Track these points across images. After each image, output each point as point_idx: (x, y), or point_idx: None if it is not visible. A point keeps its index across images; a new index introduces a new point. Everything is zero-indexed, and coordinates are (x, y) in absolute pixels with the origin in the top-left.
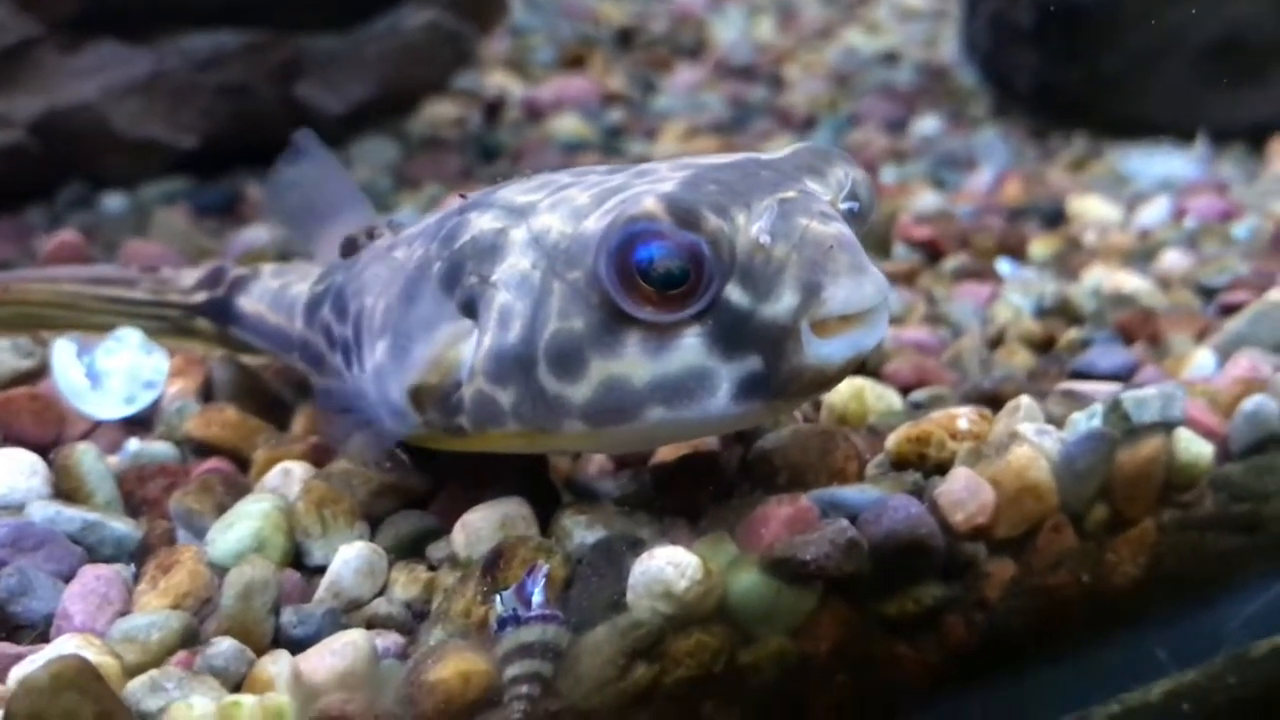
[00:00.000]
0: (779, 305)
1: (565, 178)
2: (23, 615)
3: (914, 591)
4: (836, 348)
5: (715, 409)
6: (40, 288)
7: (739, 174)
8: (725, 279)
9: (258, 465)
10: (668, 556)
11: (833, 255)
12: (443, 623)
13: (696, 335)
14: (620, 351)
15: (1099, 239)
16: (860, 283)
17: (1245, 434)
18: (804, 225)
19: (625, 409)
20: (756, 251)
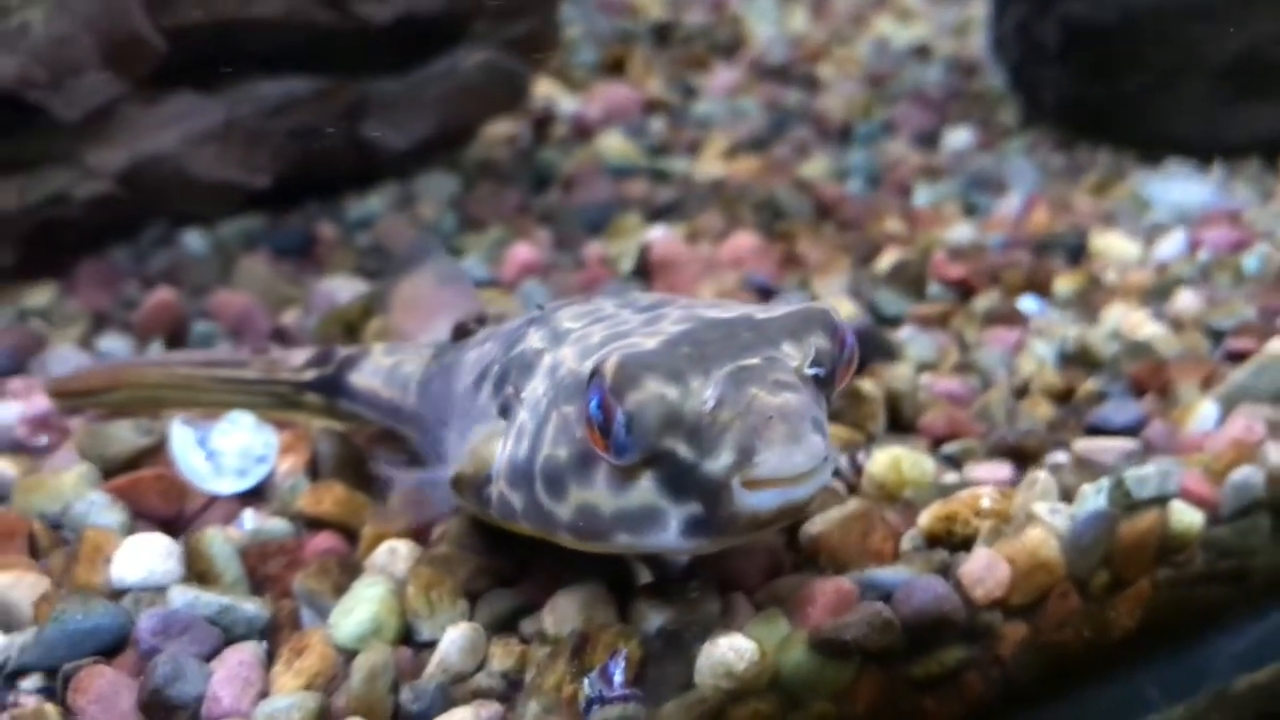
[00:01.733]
0: (716, 463)
1: (607, 308)
2: (176, 698)
3: (939, 655)
4: (764, 500)
5: (668, 542)
6: (156, 372)
7: (722, 334)
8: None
9: (366, 541)
10: (729, 643)
11: (770, 425)
12: (536, 696)
13: (650, 479)
14: (592, 483)
15: (1119, 277)
16: (791, 451)
17: (1233, 501)
18: (752, 394)
19: (598, 531)
20: (704, 415)
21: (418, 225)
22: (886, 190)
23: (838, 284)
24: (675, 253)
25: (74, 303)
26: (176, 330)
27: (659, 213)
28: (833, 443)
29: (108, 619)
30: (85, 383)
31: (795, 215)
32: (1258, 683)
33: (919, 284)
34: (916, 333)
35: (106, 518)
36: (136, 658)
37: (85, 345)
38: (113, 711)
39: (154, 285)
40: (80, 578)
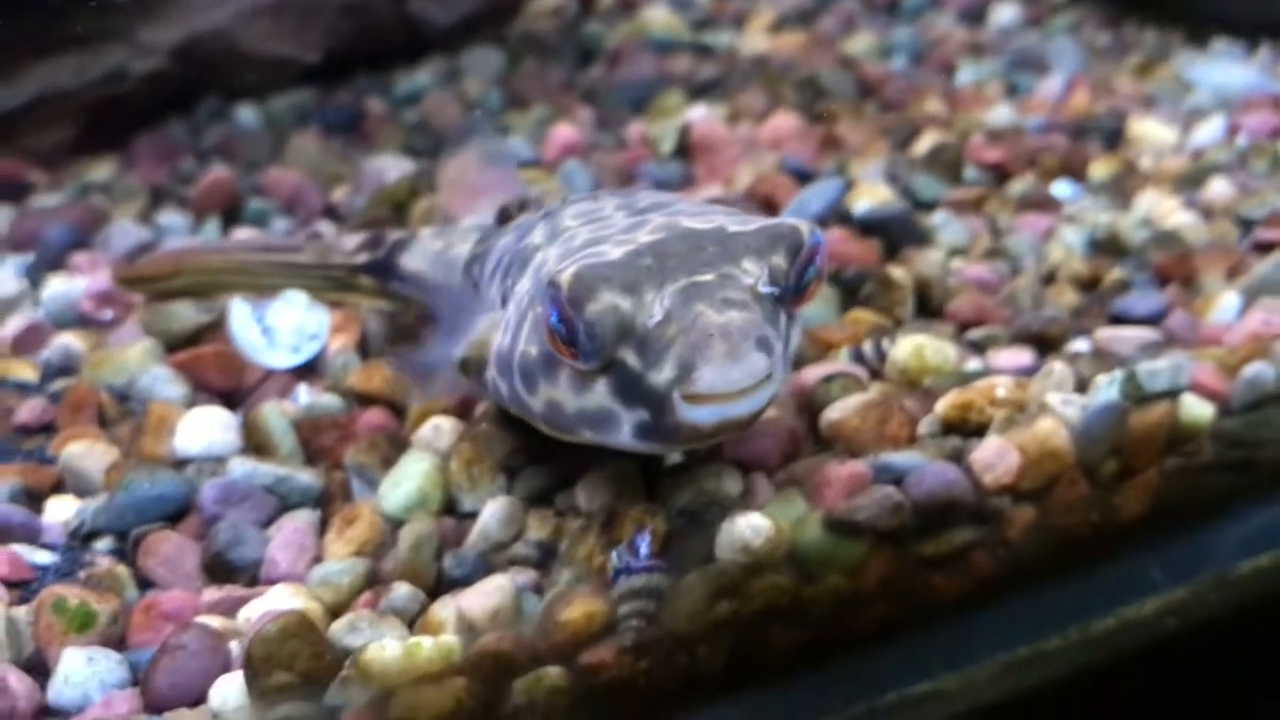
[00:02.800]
0: (659, 376)
1: (607, 208)
2: (237, 561)
3: (948, 536)
4: (701, 415)
5: (624, 441)
6: (218, 258)
7: (687, 247)
8: (616, 346)
9: (412, 418)
10: (747, 522)
11: (711, 342)
12: (569, 565)
13: (604, 384)
14: (557, 382)
15: (1154, 163)
16: (728, 369)
17: (1244, 395)
18: (698, 311)
19: (564, 426)
20: (653, 327)
21: (464, 102)
22: (930, 68)
23: (875, 168)
24: (715, 134)
25: (133, 177)
26: (231, 207)
27: (701, 90)
28: (859, 326)
29: (173, 487)
30: (151, 269)
31: (838, 95)
32: (1260, 566)
33: (956, 168)
34: (950, 218)
35: (170, 391)
36: (199, 524)
37: (145, 220)
38: (178, 572)
39: (209, 160)
40: (146, 448)
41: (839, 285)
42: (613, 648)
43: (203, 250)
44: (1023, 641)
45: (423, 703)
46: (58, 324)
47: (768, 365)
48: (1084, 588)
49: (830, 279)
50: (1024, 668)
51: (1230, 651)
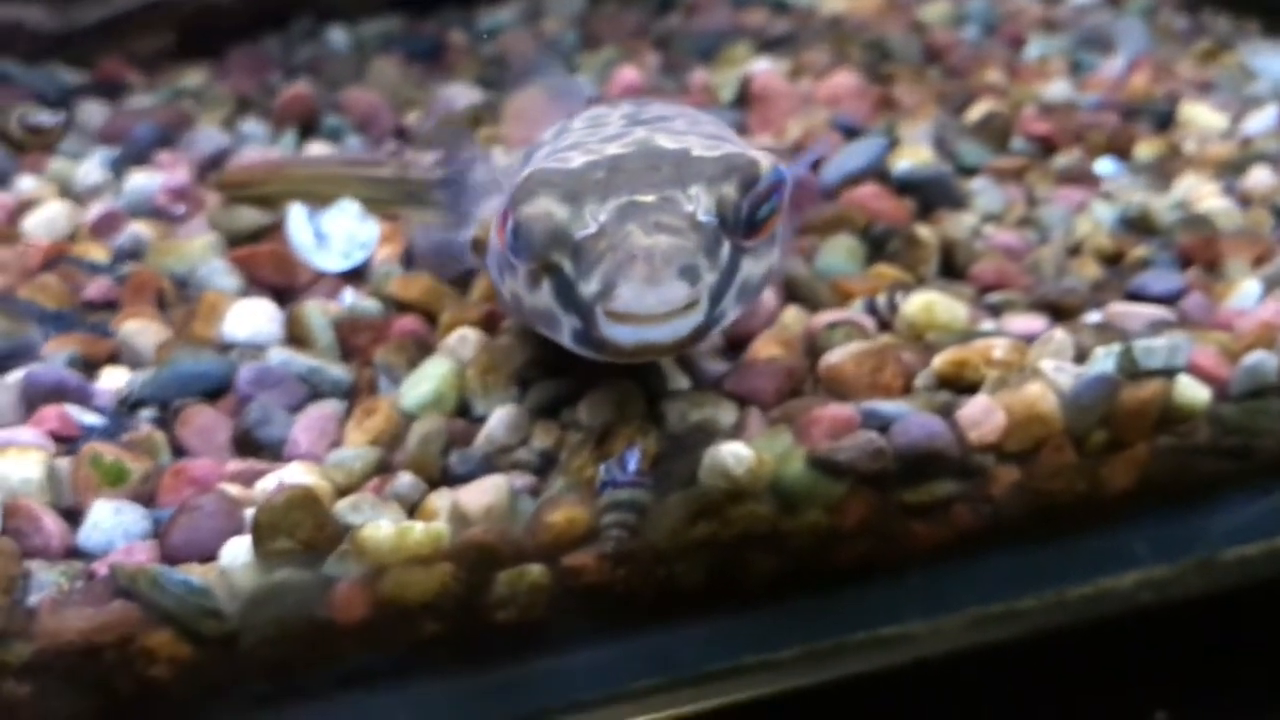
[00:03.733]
0: (587, 287)
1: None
2: (263, 439)
3: (930, 486)
4: (621, 333)
5: (565, 343)
6: (307, 170)
7: (644, 165)
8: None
9: (442, 326)
10: (731, 449)
11: (633, 263)
12: (563, 474)
13: (548, 284)
14: (517, 277)
15: (1198, 147)
16: (644, 292)
17: (1244, 383)
18: (629, 230)
19: (525, 318)
20: (587, 239)
21: (540, 39)
22: (999, 40)
23: (923, 130)
24: (774, 86)
25: (223, 86)
26: (308, 121)
27: (770, 45)
28: (881, 280)
29: (213, 367)
30: (250, 175)
31: (903, 58)
32: (1246, 555)
33: (1004, 137)
34: (990, 185)
35: (225, 282)
36: (235, 402)
37: (228, 126)
38: (210, 444)
39: (297, 76)
40: (196, 331)
41: (866, 239)
42: (594, 553)
43: (295, 161)
44: (997, 598)
45: (411, 582)
46: (134, 213)
47: (689, 294)
48: (1066, 554)
49: (858, 233)
50: (995, 622)
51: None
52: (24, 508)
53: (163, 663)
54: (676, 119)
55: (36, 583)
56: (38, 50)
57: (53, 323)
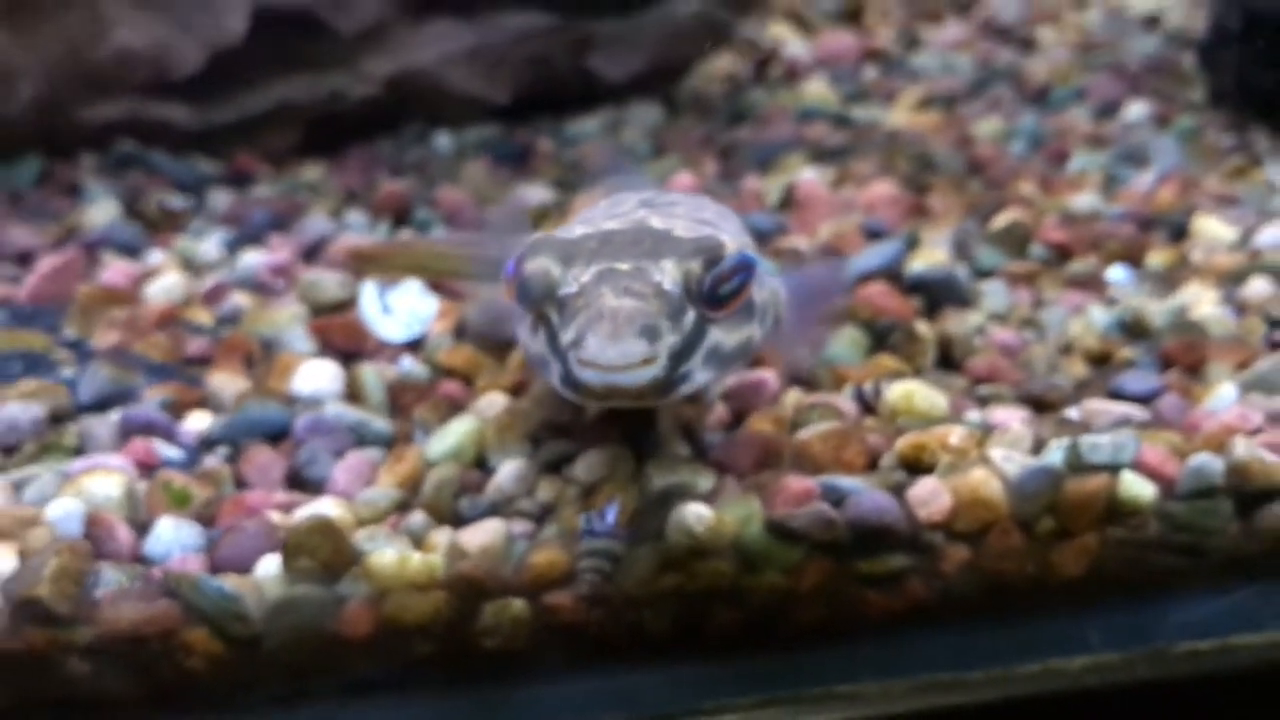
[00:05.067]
0: (565, 336)
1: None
2: (309, 477)
3: (882, 558)
4: (589, 377)
5: (555, 385)
6: (426, 248)
7: (630, 240)
8: (544, 303)
9: (477, 391)
10: (693, 509)
11: (600, 320)
12: (556, 522)
13: (542, 333)
14: (523, 325)
15: (1205, 257)
16: (605, 346)
17: (1189, 484)
18: (602, 293)
19: (529, 363)
20: (568, 296)
21: (616, 148)
22: (1044, 155)
23: (944, 235)
24: (816, 193)
25: (336, 181)
26: (402, 214)
27: (823, 155)
28: (878, 369)
29: (277, 415)
30: (376, 252)
31: (946, 170)
32: (1199, 650)
33: (1023, 244)
34: (1001, 287)
35: (303, 346)
36: (291, 446)
37: (334, 216)
38: (266, 478)
39: (402, 174)
40: (270, 385)
41: (870, 332)
42: (570, 594)
43: (416, 241)
44: (946, 667)
45: (410, 605)
46: (239, 285)
47: (646, 350)
48: (1017, 633)
49: (862, 326)
50: (942, 689)
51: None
52: (103, 519)
53: (198, 656)
54: (680, 205)
55: (103, 579)
56: (181, 144)
57: (156, 373)
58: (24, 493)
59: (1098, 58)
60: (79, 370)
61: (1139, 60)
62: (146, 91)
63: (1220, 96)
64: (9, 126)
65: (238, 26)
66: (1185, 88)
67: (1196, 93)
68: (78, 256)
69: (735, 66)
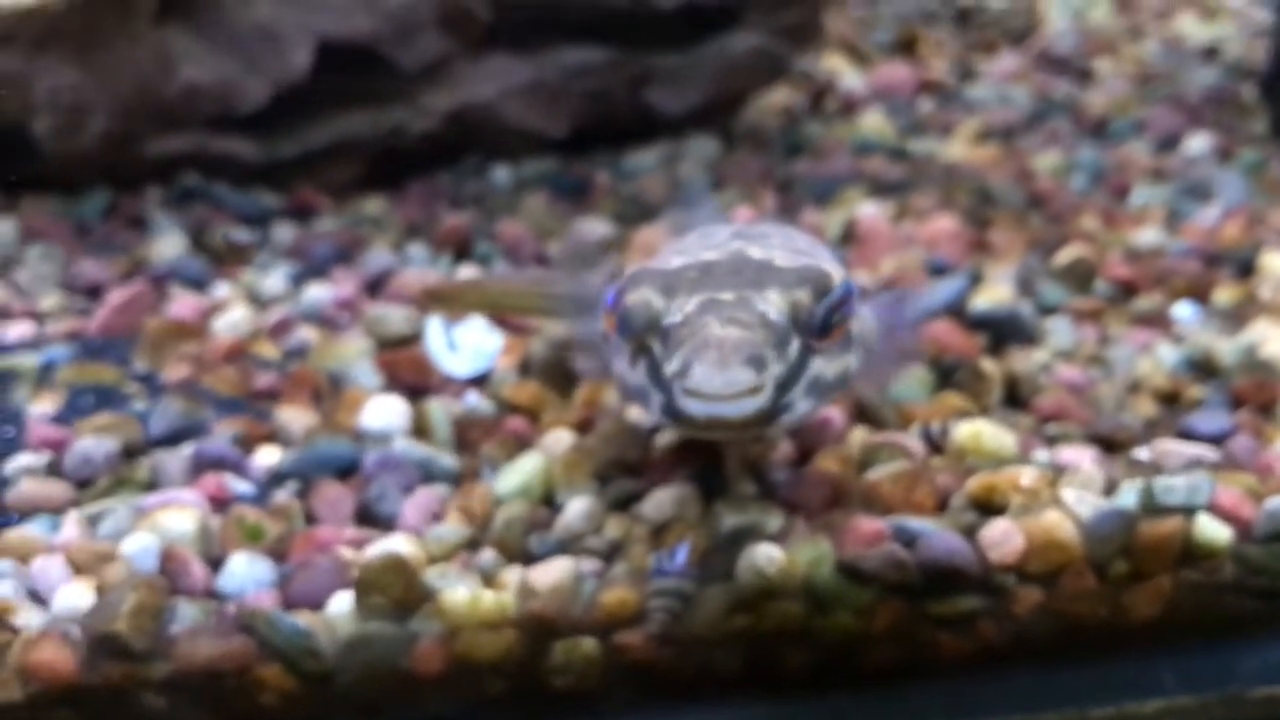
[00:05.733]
0: (669, 367)
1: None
2: (378, 512)
3: (954, 600)
4: (694, 407)
5: (655, 416)
6: (497, 285)
7: (731, 270)
8: (649, 333)
9: (542, 427)
10: (764, 550)
11: (706, 350)
12: (625, 561)
13: (643, 365)
14: (623, 358)
15: (1273, 295)
16: (712, 375)
17: (1266, 526)
18: (706, 322)
19: (627, 395)
20: (673, 326)
21: (674, 182)
22: (1105, 189)
23: (1008, 271)
24: (877, 228)
25: (398, 214)
26: (463, 247)
27: (882, 189)
28: (945, 408)
29: (347, 451)
30: (452, 290)
31: (1006, 204)
32: (1275, 695)
33: (1087, 280)
34: (1066, 324)
35: (370, 381)
36: (361, 481)
37: (396, 249)
38: (336, 514)
39: (462, 207)
40: (338, 420)
41: (936, 370)
42: (641, 634)
43: (488, 279)
44: (1020, 710)
45: (481, 643)
46: (305, 319)
47: (754, 380)
48: (1091, 675)
49: (928, 364)
50: None
51: None
52: (178, 553)
53: (271, 691)
54: (774, 235)
55: (179, 615)
56: (245, 177)
57: (225, 407)
58: (99, 527)
59: (1156, 89)
60: (150, 404)
61: (1198, 92)
62: (212, 126)
63: None
64: (78, 160)
65: (302, 62)
66: (1246, 120)
67: (1259, 125)
68: (146, 289)
69: (791, 99)
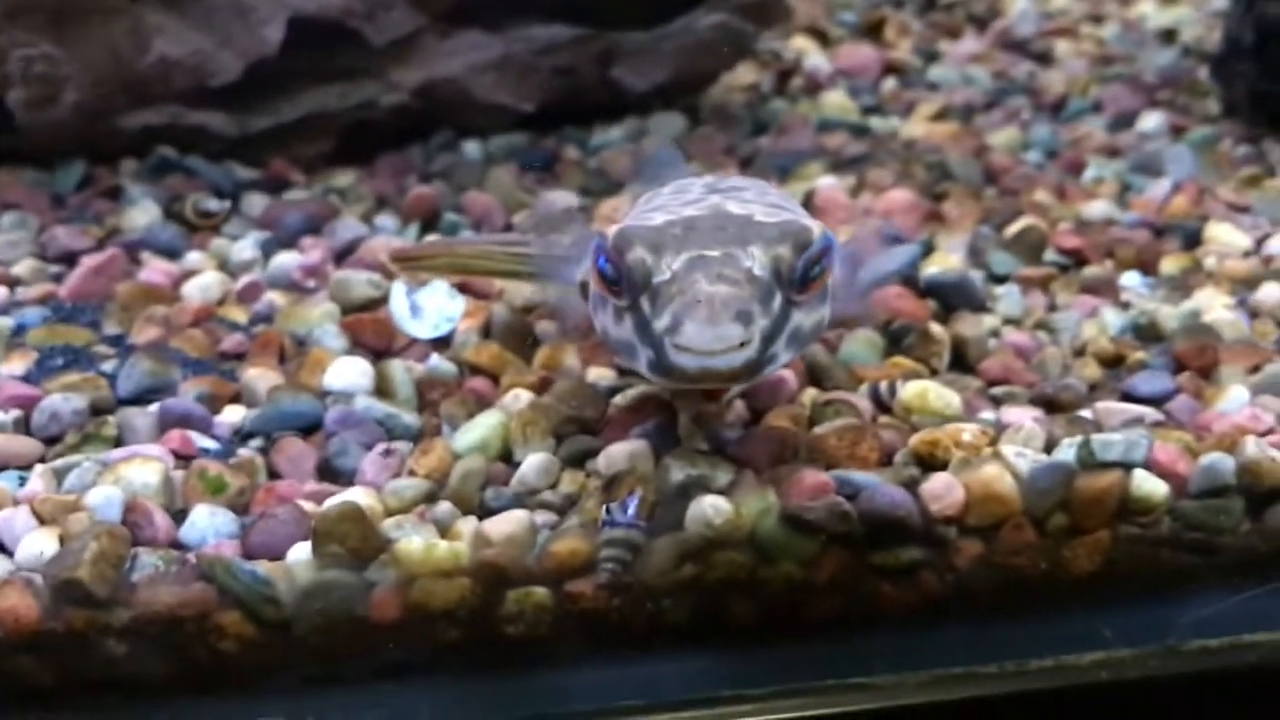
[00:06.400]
0: (659, 323)
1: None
2: (339, 467)
3: (896, 551)
4: (685, 361)
5: (643, 370)
6: (469, 247)
7: (713, 225)
8: (641, 292)
9: (503, 387)
10: (710, 501)
11: (698, 306)
12: (579, 514)
13: (630, 320)
14: (606, 311)
15: (1218, 264)
16: (703, 330)
17: (1201, 482)
18: (696, 278)
19: (611, 348)
20: (661, 284)
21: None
22: (1059, 165)
23: (959, 241)
24: (835, 200)
25: (368, 186)
26: (431, 217)
27: (842, 164)
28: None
29: (309, 408)
30: (420, 251)
31: (962, 179)
32: (1210, 647)
33: (1038, 250)
34: (1015, 291)
35: (334, 343)
36: (322, 438)
37: (366, 220)
38: (299, 470)
39: (431, 180)
40: (301, 379)
41: (886, 334)
42: (591, 583)
43: (458, 240)
44: (959, 661)
45: (436, 591)
46: (272, 285)
47: (742, 334)
48: (1030, 627)
49: (879, 328)
50: (954, 683)
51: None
52: (141, 505)
53: (231, 638)
54: (748, 190)
55: (140, 564)
56: (218, 150)
57: (193, 367)
58: (65, 480)
59: (1114, 70)
60: (119, 364)
61: (1155, 73)
62: (186, 99)
63: (1234, 108)
64: (54, 132)
65: (274, 37)
66: (1200, 100)
67: (1211, 105)
68: (118, 256)
69: (758, 78)
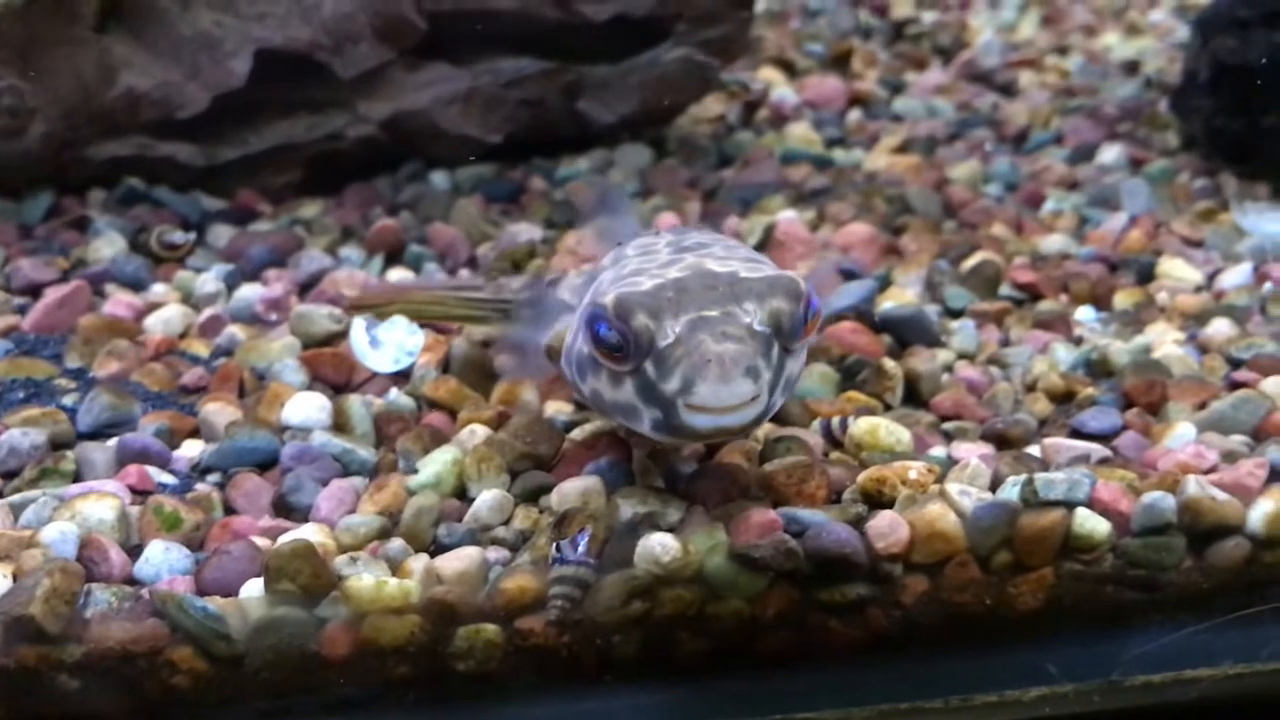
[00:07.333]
0: (668, 385)
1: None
2: (294, 503)
3: (843, 588)
4: (699, 421)
5: (645, 431)
6: (423, 293)
7: (700, 287)
8: (645, 356)
9: (460, 422)
10: (659, 539)
11: (708, 366)
12: (530, 551)
13: (631, 383)
14: (599, 377)
15: (1170, 299)
16: (718, 389)
17: (1142, 520)
18: (701, 339)
19: (604, 410)
20: (666, 347)
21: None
22: (1019, 198)
23: (915, 275)
24: (794, 233)
25: (334, 218)
26: (395, 249)
27: (803, 197)
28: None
29: (266, 444)
30: (374, 298)
31: (921, 212)
32: (1153, 682)
33: (993, 284)
34: (970, 326)
35: (294, 378)
36: (279, 473)
37: (331, 252)
38: (255, 505)
39: (397, 211)
40: (260, 414)
41: (840, 369)
42: (541, 620)
43: (411, 285)
44: (905, 697)
45: (385, 628)
46: (235, 318)
47: (753, 389)
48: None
49: (833, 363)
50: (901, 718)
51: None
52: (96, 541)
53: (183, 674)
54: (714, 245)
55: (94, 599)
56: (186, 181)
57: (153, 401)
58: (21, 515)
59: (1077, 102)
60: (80, 398)
61: (1117, 105)
62: (154, 130)
63: (1191, 142)
64: (22, 163)
65: (241, 69)
66: (1160, 132)
67: (1171, 138)
68: (82, 288)
69: (725, 109)
